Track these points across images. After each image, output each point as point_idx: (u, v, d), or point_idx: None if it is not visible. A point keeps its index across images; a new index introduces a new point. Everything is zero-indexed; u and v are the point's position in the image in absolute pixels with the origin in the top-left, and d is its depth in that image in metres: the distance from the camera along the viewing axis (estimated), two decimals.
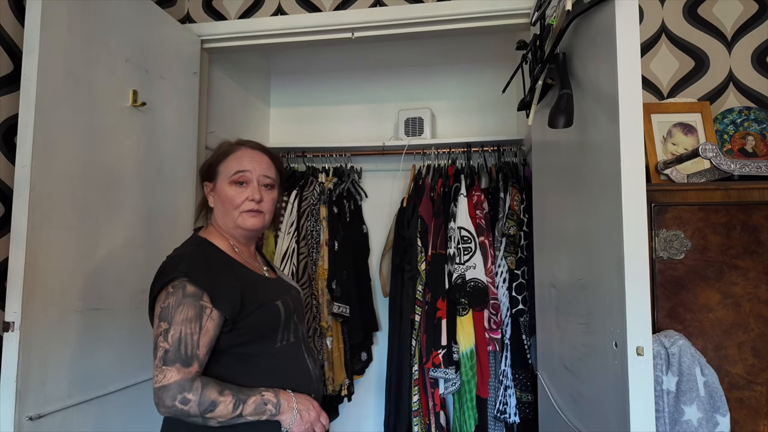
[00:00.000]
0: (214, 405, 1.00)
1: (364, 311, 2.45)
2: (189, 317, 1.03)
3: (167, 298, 1.05)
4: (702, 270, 1.21)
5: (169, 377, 0.99)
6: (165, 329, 1.02)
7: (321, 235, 2.34)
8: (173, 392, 0.98)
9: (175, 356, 1.00)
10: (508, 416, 2.05)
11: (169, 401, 0.98)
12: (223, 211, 1.21)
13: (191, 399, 0.99)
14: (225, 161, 1.22)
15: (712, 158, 1.22)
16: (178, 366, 1.00)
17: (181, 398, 0.98)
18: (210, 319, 1.05)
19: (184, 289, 1.04)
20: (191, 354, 1.02)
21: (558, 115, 1.11)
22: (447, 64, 2.76)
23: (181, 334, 1.01)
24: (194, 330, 1.03)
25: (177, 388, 0.98)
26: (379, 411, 2.62)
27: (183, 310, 1.03)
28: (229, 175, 1.20)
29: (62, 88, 1.43)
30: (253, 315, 1.11)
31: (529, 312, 2.05)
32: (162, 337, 1.02)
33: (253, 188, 1.20)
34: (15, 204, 1.33)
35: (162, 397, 0.99)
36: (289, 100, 2.97)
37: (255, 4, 2.10)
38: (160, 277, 1.09)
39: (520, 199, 2.14)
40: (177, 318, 1.02)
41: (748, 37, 1.65)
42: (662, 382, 1.13)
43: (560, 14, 1.14)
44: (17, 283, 1.30)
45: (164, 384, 0.99)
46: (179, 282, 1.05)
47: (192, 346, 1.02)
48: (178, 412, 0.99)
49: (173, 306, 1.03)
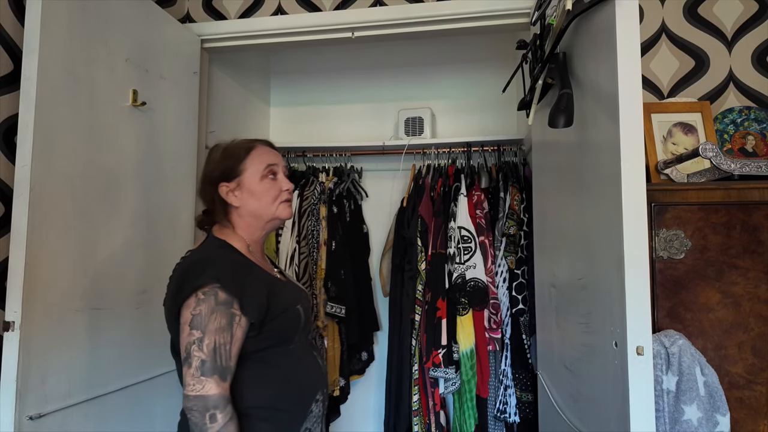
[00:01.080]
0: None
1: (363, 311, 2.45)
2: (222, 326, 1.02)
3: (198, 305, 1.03)
4: (702, 270, 1.21)
5: (208, 388, 0.99)
6: (199, 338, 1.01)
7: (320, 235, 2.35)
8: (208, 404, 0.99)
9: (213, 368, 1.00)
10: (508, 416, 2.05)
11: (201, 411, 0.98)
12: (258, 206, 1.20)
13: (218, 420, 0.99)
14: (249, 158, 1.21)
15: (712, 158, 1.22)
16: (217, 379, 1.00)
17: (211, 414, 0.98)
18: (239, 326, 1.05)
19: (216, 297, 1.03)
20: (226, 365, 1.02)
21: (558, 114, 1.11)
22: (447, 64, 2.76)
23: (215, 344, 1.01)
24: (227, 339, 1.03)
25: (212, 403, 0.99)
26: (380, 410, 2.62)
27: (216, 319, 1.02)
28: (261, 170, 1.20)
29: (62, 87, 1.43)
30: (277, 319, 1.11)
31: (529, 312, 2.05)
32: (196, 346, 1.01)
33: (284, 179, 1.23)
34: (15, 204, 1.33)
35: (197, 405, 0.99)
36: (289, 100, 2.97)
37: (255, 4, 2.10)
38: (187, 281, 1.06)
39: (520, 198, 2.14)
40: (210, 327, 1.01)
41: (748, 36, 1.65)
42: (662, 381, 1.13)
43: (560, 14, 1.14)
44: (17, 283, 1.30)
45: (203, 394, 0.99)
46: (210, 288, 1.04)
47: (226, 356, 1.02)
48: (199, 426, 0.99)
49: (206, 314, 1.02)
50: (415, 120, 2.56)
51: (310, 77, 2.94)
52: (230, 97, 2.50)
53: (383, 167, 2.69)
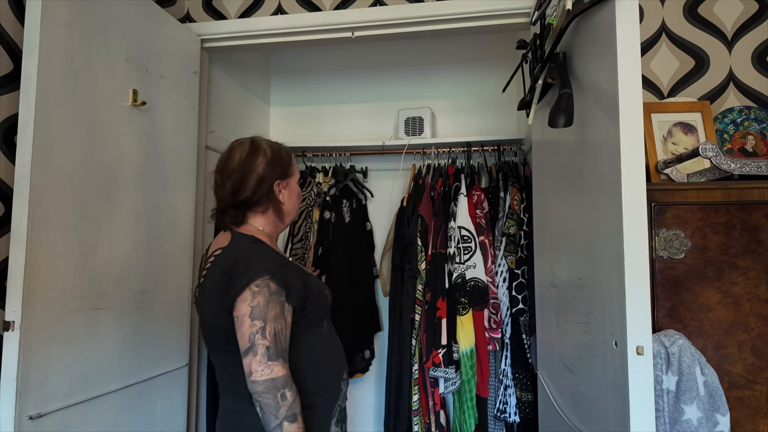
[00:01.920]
0: (295, 418, 1.07)
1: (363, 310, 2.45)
2: (277, 314, 1.11)
3: (255, 297, 1.10)
4: (702, 269, 1.21)
5: (277, 371, 1.07)
6: (261, 327, 1.08)
7: (311, 238, 2.36)
8: (278, 385, 1.07)
9: (277, 352, 1.09)
10: (508, 415, 2.05)
11: (273, 392, 1.06)
12: (293, 207, 1.34)
13: (288, 398, 1.07)
14: (293, 162, 1.35)
15: (712, 158, 1.22)
16: (281, 362, 1.09)
17: (282, 394, 1.07)
18: (288, 313, 1.14)
19: (269, 288, 1.11)
20: (285, 349, 1.11)
21: (558, 114, 1.11)
22: (447, 64, 2.76)
23: (275, 330, 1.10)
24: (282, 326, 1.12)
25: (281, 382, 1.07)
26: (380, 410, 2.62)
27: (272, 308, 1.10)
28: (297, 174, 1.37)
29: (62, 87, 1.43)
30: (312, 304, 1.21)
31: (529, 311, 2.05)
32: (260, 334, 1.08)
33: None
34: (15, 203, 1.33)
35: (269, 387, 1.06)
36: (289, 100, 2.97)
37: (255, 4, 2.10)
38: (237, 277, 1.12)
39: (520, 198, 2.14)
40: (269, 315, 1.09)
41: (748, 36, 1.65)
42: (662, 381, 1.13)
43: (560, 13, 1.14)
44: (17, 283, 1.30)
45: (273, 377, 1.07)
46: (262, 281, 1.11)
47: (284, 341, 1.12)
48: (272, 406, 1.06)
49: (264, 305, 1.10)
50: (415, 120, 2.56)
51: (310, 77, 2.94)
52: (230, 97, 2.50)
53: (383, 167, 2.69)
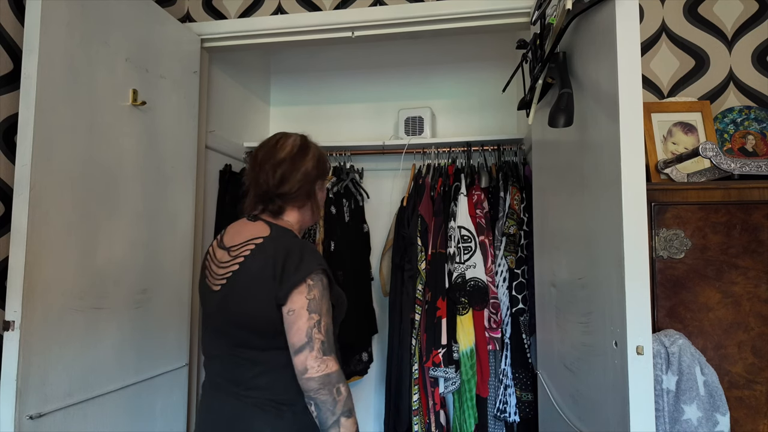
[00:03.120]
0: (350, 413, 1.05)
1: (360, 313, 2.45)
2: (328, 309, 1.10)
3: (311, 290, 1.07)
4: (702, 269, 1.21)
5: (331, 366, 1.05)
6: (317, 321, 1.06)
7: (317, 235, 2.35)
8: (334, 379, 1.04)
9: (330, 347, 1.07)
10: (508, 415, 2.05)
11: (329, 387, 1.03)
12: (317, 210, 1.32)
13: (342, 392, 1.05)
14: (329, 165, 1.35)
15: (712, 157, 1.22)
16: (334, 357, 1.07)
17: (337, 388, 1.04)
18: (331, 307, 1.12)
19: (322, 282, 1.10)
20: (335, 344, 1.10)
21: (558, 114, 1.11)
22: (447, 63, 2.76)
23: (327, 325, 1.08)
24: (331, 321, 1.11)
25: (336, 377, 1.05)
26: (380, 410, 2.62)
27: (325, 302, 1.09)
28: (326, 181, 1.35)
29: (62, 86, 1.43)
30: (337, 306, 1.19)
31: (529, 311, 2.05)
32: (316, 329, 1.05)
33: None
34: (15, 203, 1.33)
35: (325, 383, 1.03)
36: (289, 99, 2.97)
37: (255, 3, 2.10)
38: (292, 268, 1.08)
39: (521, 198, 2.14)
40: (323, 309, 1.08)
41: (748, 36, 1.65)
42: (662, 381, 1.13)
43: (560, 13, 1.14)
44: (17, 282, 1.30)
45: (328, 372, 1.04)
46: (316, 274, 1.09)
47: (333, 336, 1.11)
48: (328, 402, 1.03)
49: (319, 298, 1.08)
50: (415, 119, 2.56)
51: (310, 77, 2.94)
52: (230, 97, 2.50)
53: (383, 167, 2.69)
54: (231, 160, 2.46)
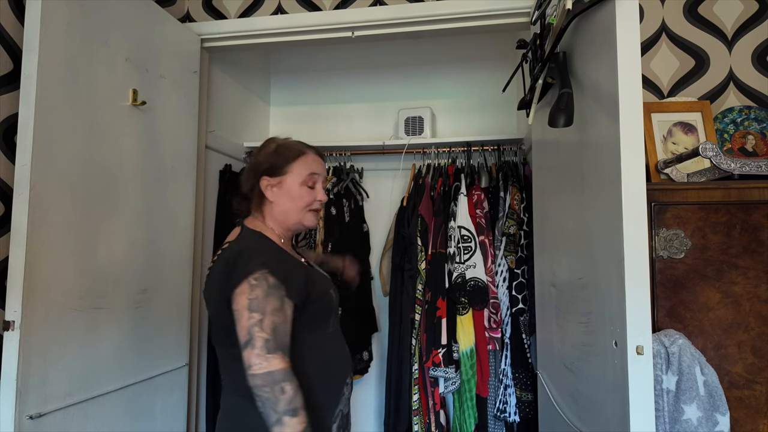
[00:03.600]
0: (296, 412, 1.05)
1: (361, 312, 2.45)
2: (276, 307, 1.10)
3: (253, 290, 1.09)
4: (702, 269, 1.21)
5: (275, 364, 1.05)
6: (260, 320, 1.07)
7: (317, 235, 2.35)
8: (277, 378, 1.04)
9: (276, 345, 1.07)
10: (508, 415, 2.05)
11: (271, 385, 1.04)
12: (289, 207, 1.27)
13: (287, 391, 1.05)
14: (297, 161, 1.28)
15: (712, 157, 1.21)
16: (281, 354, 1.07)
17: (281, 387, 1.04)
18: (288, 307, 1.13)
19: (267, 281, 1.10)
20: (285, 342, 1.10)
21: (558, 114, 1.11)
22: (447, 63, 2.76)
23: (273, 324, 1.08)
24: (282, 320, 1.10)
25: (280, 376, 1.05)
26: (380, 410, 2.62)
27: (271, 301, 1.09)
28: (303, 176, 1.27)
29: (62, 86, 1.43)
30: (316, 303, 1.20)
31: (529, 311, 2.05)
32: (258, 327, 1.07)
33: (320, 190, 1.30)
34: (15, 203, 1.33)
35: (267, 380, 1.04)
36: (289, 99, 2.97)
37: (255, 3, 2.10)
38: (236, 270, 1.12)
39: (521, 198, 2.14)
40: (268, 308, 1.08)
41: (748, 36, 1.65)
42: (662, 381, 1.13)
43: (560, 13, 1.14)
44: (17, 282, 1.30)
45: (271, 370, 1.05)
46: (260, 274, 1.10)
47: (284, 335, 1.10)
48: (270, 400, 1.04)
49: (262, 297, 1.09)
50: (415, 119, 2.56)
51: (310, 77, 2.94)
52: (230, 97, 2.50)
53: (383, 167, 2.69)
54: (231, 160, 2.46)
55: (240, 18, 2.10)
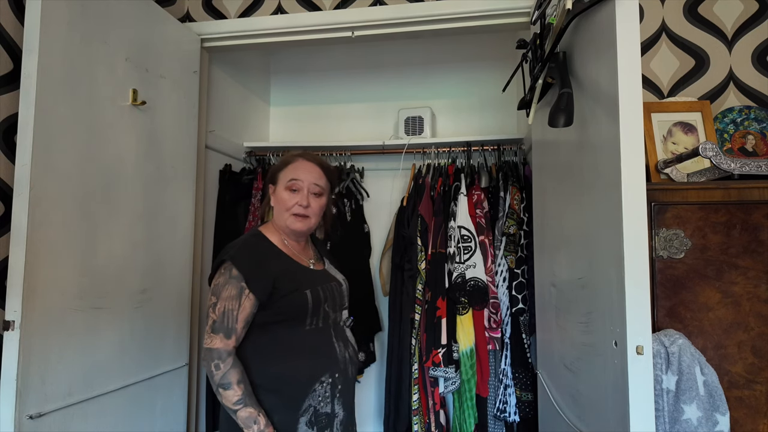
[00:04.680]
0: (228, 386, 1.19)
1: (363, 312, 2.45)
2: (232, 295, 1.24)
3: (218, 277, 1.27)
4: (702, 269, 1.21)
5: (214, 343, 1.22)
6: (214, 303, 1.24)
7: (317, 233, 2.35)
8: (213, 355, 1.21)
9: (220, 326, 1.22)
10: (508, 415, 2.05)
11: (208, 360, 1.21)
12: (279, 212, 1.40)
13: (221, 368, 1.20)
14: (285, 169, 1.41)
15: (712, 157, 1.21)
16: (222, 336, 1.22)
17: (215, 364, 1.20)
18: (247, 298, 1.25)
19: (231, 271, 1.26)
20: (231, 327, 1.23)
21: (558, 114, 1.11)
22: (447, 63, 2.76)
23: (225, 308, 1.23)
24: (234, 306, 1.23)
25: (216, 354, 1.21)
26: (379, 410, 2.62)
27: (228, 289, 1.24)
28: (285, 182, 1.39)
29: (62, 86, 1.43)
30: (284, 299, 1.28)
31: (529, 311, 2.05)
32: (212, 309, 1.24)
33: (302, 195, 1.38)
34: (15, 203, 1.33)
35: (206, 356, 1.22)
36: (289, 99, 2.97)
37: (255, 3, 2.10)
38: (218, 258, 1.31)
39: (520, 198, 2.14)
40: (223, 294, 1.24)
41: (748, 36, 1.65)
42: (662, 381, 1.13)
43: (560, 13, 1.14)
44: (17, 282, 1.30)
45: (210, 347, 1.22)
46: (228, 264, 1.27)
47: (232, 320, 1.23)
48: (209, 373, 1.21)
49: (222, 284, 1.25)
50: (415, 119, 2.56)
51: (310, 77, 2.94)
52: (230, 97, 2.50)
53: (383, 166, 2.69)
54: (231, 160, 2.46)
55: (240, 18, 2.10)
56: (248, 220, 2.39)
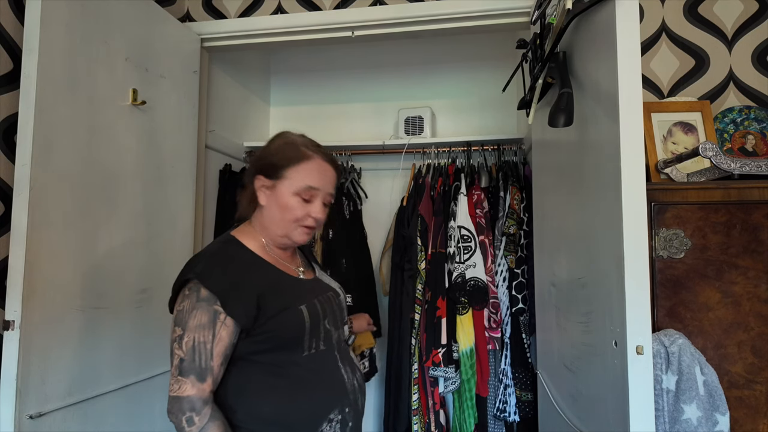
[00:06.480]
0: None
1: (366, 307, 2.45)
2: (202, 323, 0.97)
3: (183, 301, 1.00)
4: (702, 269, 1.21)
5: (183, 389, 0.95)
6: (179, 335, 0.97)
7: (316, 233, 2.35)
8: (184, 407, 0.95)
9: (190, 367, 0.96)
10: (508, 415, 2.05)
11: (178, 414, 0.95)
12: (277, 217, 1.11)
13: (195, 422, 0.94)
14: (296, 167, 1.10)
15: (712, 157, 1.22)
16: (193, 379, 0.96)
17: (188, 417, 0.94)
18: (224, 325, 0.98)
19: (198, 293, 0.98)
20: (205, 366, 0.97)
21: (558, 114, 1.11)
22: (447, 63, 2.76)
23: (194, 342, 0.96)
24: (207, 338, 0.97)
25: (188, 405, 0.95)
26: (379, 409, 2.62)
27: (197, 315, 0.97)
28: (299, 187, 1.09)
29: (62, 86, 1.43)
30: (273, 320, 1.02)
31: (529, 311, 2.05)
32: (177, 343, 0.97)
33: (318, 207, 1.12)
34: (15, 202, 1.33)
35: (173, 406, 0.96)
36: (289, 99, 2.97)
37: (255, 3, 2.10)
38: (180, 276, 1.03)
39: (520, 198, 2.14)
40: (191, 324, 0.97)
41: (748, 36, 1.65)
42: (662, 380, 1.13)
43: (560, 13, 1.14)
44: (17, 282, 1.30)
45: (178, 395, 0.95)
46: (194, 284, 1.00)
47: (206, 356, 0.97)
48: (178, 427, 0.96)
49: (187, 310, 0.98)
50: (415, 119, 2.56)
51: (310, 76, 2.94)
52: (230, 96, 2.50)
53: (383, 166, 2.69)
54: (231, 160, 2.46)
55: (240, 18, 2.10)
56: None
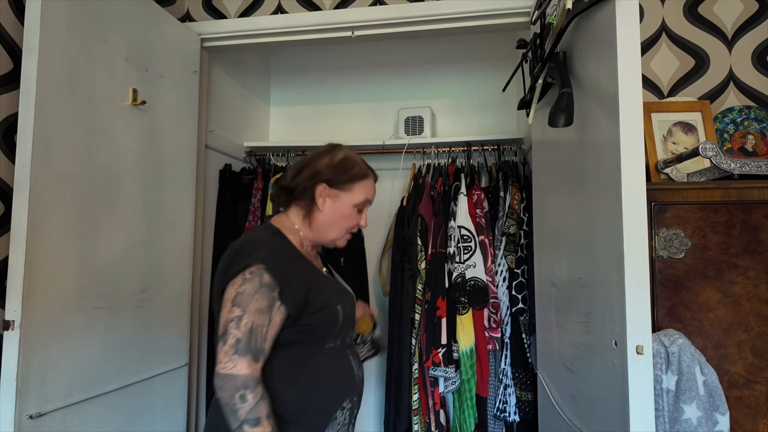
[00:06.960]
0: (258, 422, 0.99)
1: None
2: (262, 308, 1.03)
3: (243, 284, 1.03)
4: (702, 269, 1.21)
5: (239, 368, 0.99)
6: (238, 316, 1.01)
7: None
8: (239, 384, 0.99)
9: (247, 347, 1.01)
10: (508, 415, 2.05)
11: (231, 390, 0.99)
12: (333, 223, 1.22)
13: (248, 400, 0.99)
14: (360, 183, 1.23)
15: (712, 157, 1.21)
16: (249, 359, 1.01)
17: (241, 395, 0.99)
18: (278, 312, 1.05)
19: (261, 278, 1.04)
20: (260, 347, 1.03)
21: (558, 114, 1.11)
22: (447, 63, 2.76)
23: (253, 324, 1.02)
24: (265, 322, 1.03)
25: (243, 382, 0.99)
26: (379, 410, 2.62)
27: (257, 300, 1.02)
28: (359, 200, 1.22)
29: (62, 86, 1.43)
30: (314, 315, 1.11)
31: (529, 311, 2.05)
32: (234, 323, 1.01)
33: (365, 217, 1.27)
34: (15, 202, 1.34)
35: (227, 384, 0.99)
36: (289, 99, 2.97)
37: (255, 3, 2.10)
38: (237, 260, 1.06)
39: (520, 198, 2.14)
40: (251, 307, 1.02)
41: (748, 36, 1.65)
42: (662, 380, 1.13)
43: (560, 13, 1.13)
44: (17, 282, 1.30)
45: (233, 373, 0.99)
46: (257, 269, 1.04)
47: (262, 338, 1.03)
48: (230, 405, 0.99)
49: (249, 293, 1.02)
50: (415, 119, 2.56)
51: (310, 76, 2.94)
52: (230, 96, 2.50)
53: (383, 166, 2.68)
54: (231, 160, 2.46)
55: (240, 18, 2.10)
56: (248, 220, 2.39)
